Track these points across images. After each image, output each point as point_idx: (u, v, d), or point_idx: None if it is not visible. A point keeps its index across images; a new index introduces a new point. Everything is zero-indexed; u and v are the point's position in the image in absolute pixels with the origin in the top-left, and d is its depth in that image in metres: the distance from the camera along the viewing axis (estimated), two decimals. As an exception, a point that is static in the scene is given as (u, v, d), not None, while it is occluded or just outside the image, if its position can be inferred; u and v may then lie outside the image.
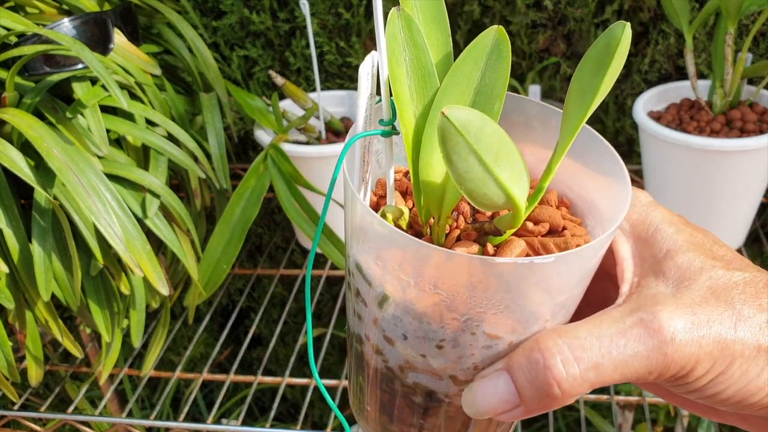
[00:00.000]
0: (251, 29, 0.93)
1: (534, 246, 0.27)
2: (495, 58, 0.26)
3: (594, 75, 0.24)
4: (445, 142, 0.22)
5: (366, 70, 0.26)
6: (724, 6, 0.67)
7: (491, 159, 0.22)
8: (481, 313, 0.25)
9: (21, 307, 0.59)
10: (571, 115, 0.25)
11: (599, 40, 0.24)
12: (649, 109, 0.78)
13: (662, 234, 0.28)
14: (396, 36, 0.26)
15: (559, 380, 0.24)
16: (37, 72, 0.59)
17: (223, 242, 0.70)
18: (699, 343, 0.24)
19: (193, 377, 0.78)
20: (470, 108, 0.23)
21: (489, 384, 0.26)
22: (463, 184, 0.23)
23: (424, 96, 0.27)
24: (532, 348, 0.25)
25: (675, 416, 0.95)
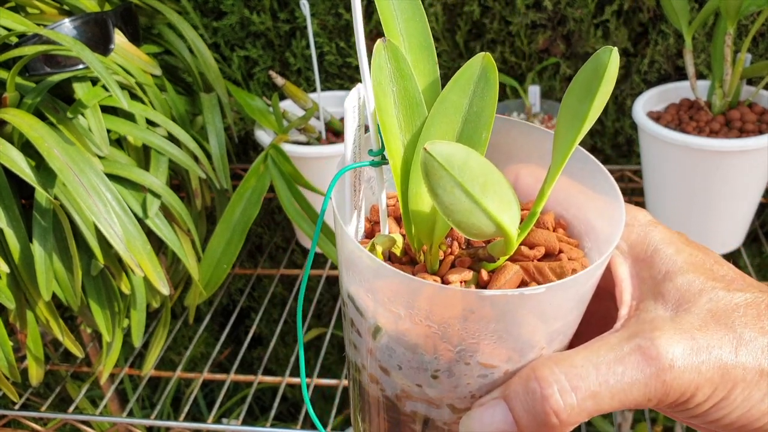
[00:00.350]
0: (251, 30, 0.94)
1: (529, 271, 0.27)
2: (482, 85, 0.26)
3: (582, 101, 0.24)
4: (430, 176, 0.22)
5: (352, 103, 0.26)
6: (724, 6, 0.67)
7: (478, 190, 0.22)
8: (475, 344, 0.25)
9: (22, 306, 0.59)
10: (561, 139, 0.25)
11: (587, 64, 0.24)
12: (648, 110, 0.78)
13: (661, 255, 0.27)
14: (382, 67, 0.26)
15: (556, 410, 0.24)
16: (37, 72, 0.59)
17: (223, 242, 0.70)
18: (699, 369, 0.24)
19: (194, 377, 0.78)
20: (453, 142, 0.24)
21: (486, 413, 0.26)
22: (450, 216, 0.23)
23: (412, 126, 0.27)
24: (529, 377, 0.25)
25: (674, 416, 0.95)
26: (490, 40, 0.88)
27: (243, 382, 1.21)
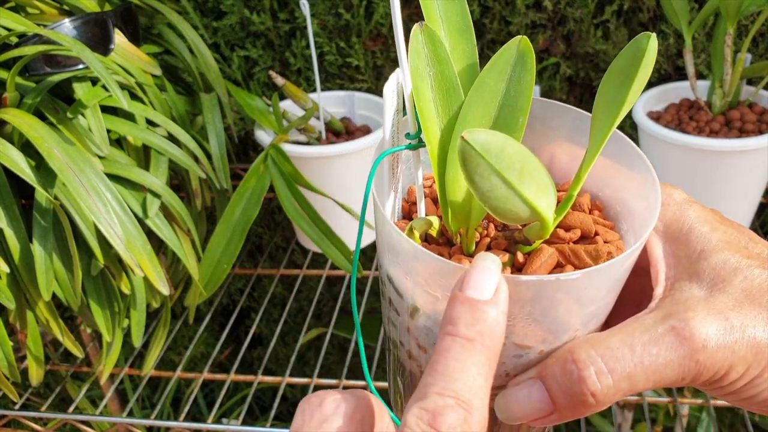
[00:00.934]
0: (251, 30, 0.94)
1: (565, 253, 0.27)
2: (520, 69, 0.27)
3: (620, 87, 0.24)
4: (467, 164, 0.23)
5: (391, 88, 0.26)
6: (724, 6, 0.67)
7: (515, 177, 0.23)
8: (510, 326, 0.25)
9: (22, 306, 0.59)
10: (598, 124, 0.25)
11: (625, 50, 0.24)
12: (648, 110, 0.78)
13: (696, 233, 0.27)
14: (419, 52, 0.26)
15: (593, 391, 0.24)
16: (37, 72, 0.59)
17: (223, 242, 0.70)
18: (732, 349, 0.24)
19: (194, 377, 0.78)
20: (490, 130, 0.24)
21: (522, 391, 0.26)
22: (487, 202, 0.24)
23: (449, 110, 0.27)
24: (566, 359, 0.25)
25: (674, 416, 0.95)
26: (490, 40, 0.88)
27: (243, 382, 1.21)
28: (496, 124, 0.27)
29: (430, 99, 0.27)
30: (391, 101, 0.26)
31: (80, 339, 0.84)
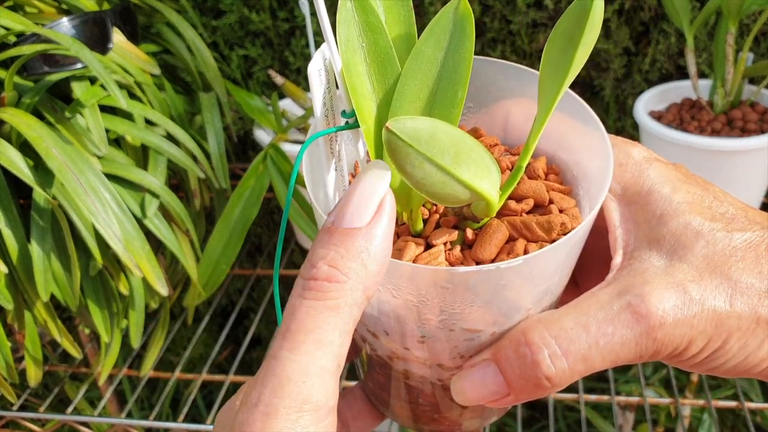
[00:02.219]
0: (251, 29, 0.93)
1: (516, 226, 0.26)
2: (459, 36, 0.24)
3: (565, 51, 0.23)
4: (395, 154, 0.21)
5: (317, 66, 0.24)
6: (725, 5, 0.67)
7: (450, 162, 0.21)
8: (457, 313, 0.24)
9: (20, 307, 0.59)
10: (545, 92, 0.24)
11: (570, 10, 0.22)
12: (650, 109, 0.78)
13: (656, 195, 0.26)
14: (349, 22, 0.24)
15: (548, 375, 0.23)
16: (36, 71, 0.59)
17: (222, 242, 0.69)
18: (690, 323, 0.23)
19: (193, 378, 0.77)
20: (416, 116, 0.22)
21: (477, 374, 0.25)
22: (423, 189, 0.22)
23: (386, 84, 0.25)
24: (520, 341, 0.24)
25: (676, 417, 0.95)
26: (491, 39, 0.88)
27: (242, 383, 1.20)
28: (435, 98, 0.25)
29: (364, 73, 0.25)
30: (318, 80, 0.24)
31: (78, 340, 0.84)
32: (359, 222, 0.22)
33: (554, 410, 1.06)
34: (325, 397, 0.21)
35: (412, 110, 0.25)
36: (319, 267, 0.21)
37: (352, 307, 0.22)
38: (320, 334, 0.21)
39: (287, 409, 0.20)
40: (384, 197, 0.22)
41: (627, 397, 0.68)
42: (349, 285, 0.21)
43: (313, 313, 0.21)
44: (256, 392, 0.21)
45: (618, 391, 0.94)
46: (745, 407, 0.63)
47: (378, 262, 0.22)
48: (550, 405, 0.66)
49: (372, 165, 0.23)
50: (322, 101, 0.25)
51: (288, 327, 0.21)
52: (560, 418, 1.07)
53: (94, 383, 0.84)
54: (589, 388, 1.06)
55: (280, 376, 0.21)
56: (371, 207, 0.22)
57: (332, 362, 0.21)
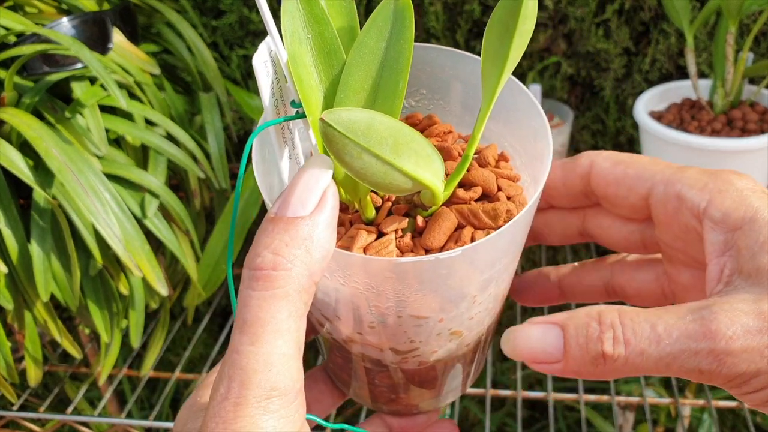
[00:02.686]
0: (251, 28, 0.93)
1: (464, 214, 0.27)
2: (399, 26, 0.25)
3: (501, 40, 0.23)
4: (332, 145, 0.21)
5: (262, 58, 0.24)
6: (725, 5, 0.67)
7: (389, 152, 0.22)
8: (403, 300, 0.25)
9: (20, 307, 0.59)
10: (487, 81, 0.24)
11: (503, 2, 0.23)
12: (650, 109, 0.78)
13: (759, 223, 0.25)
14: (294, 13, 0.24)
15: (606, 354, 0.24)
16: (36, 71, 0.59)
17: (222, 242, 0.69)
18: (762, 353, 0.22)
19: (193, 378, 0.77)
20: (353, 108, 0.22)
21: (537, 330, 0.25)
22: (364, 179, 0.23)
23: (331, 74, 0.25)
24: (592, 316, 0.25)
25: (676, 417, 0.95)
26: (491, 40, 0.88)
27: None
28: (379, 88, 0.25)
29: (311, 64, 0.25)
30: (264, 71, 0.25)
31: (78, 340, 0.84)
32: (303, 211, 0.22)
33: (554, 410, 1.06)
34: (292, 381, 0.22)
35: (356, 100, 0.25)
36: (264, 255, 0.22)
37: (300, 293, 0.22)
38: (276, 324, 0.22)
39: (257, 398, 0.21)
40: (327, 188, 0.23)
41: (627, 397, 0.68)
42: (294, 272, 0.22)
43: (265, 304, 0.22)
44: (224, 386, 0.21)
45: (618, 391, 0.94)
46: (745, 407, 0.63)
47: (322, 249, 0.22)
48: (550, 405, 0.66)
49: (315, 158, 0.24)
50: (271, 91, 0.25)
51: (244, 320, 0.22)
52: (560, 418, 1.07)
53: (94, 383, 0.84)
54: (589, 388, 1.06)
55: (246, 369, 0.21)
56: (314, 197, 0.23)
57: (293, 348, 0.22)
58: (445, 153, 0.30)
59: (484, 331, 0.30)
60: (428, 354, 0.29)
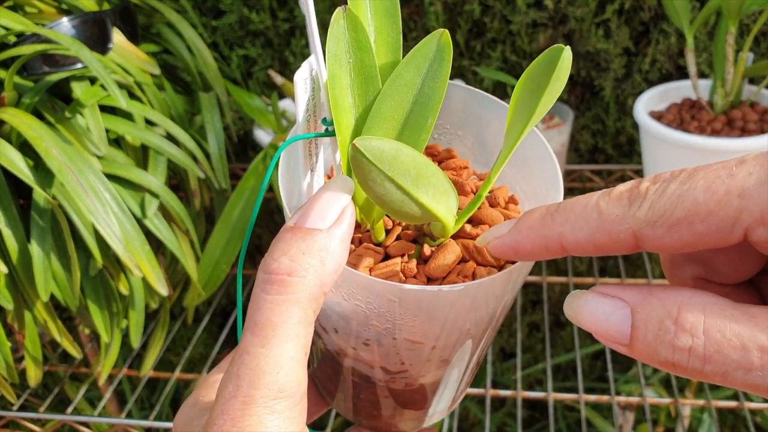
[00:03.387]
0: (251, 28, 0.93)
1: (469, 249, 0.28)
2: (437, 66, 0.26)
3: (532, 96, 0.24)
4: (359, 170, 0.23)
5: (303, 75, 0.26)
6: (725, 5, 0.67)
7: (409, 183, 0.23)
8: (401, 324, 0.26)
9: (20, 307, 0.59)
10: (511, 131, 0.26)
11: (539, 59, 0.24)
12: (650, 109, 0.78)
13: None
14: (339, 38, 0.25)
15: (676, 362, 0.20)
16: (36, 71, 0.59)
17: (222, 242, 0.69)
18: None
19: (193, 378, 0.77)
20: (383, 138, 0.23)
21: (603, 307, 0.22)
22: (383, 205, 0.24)
23: (366, 99, 0.27)
24: (670, 313, 0.21)
25: (676, 417, 0.95)
26: (491, 39, 0.88)
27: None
28: (408, 120, 0.26)
29: (348, 87, 0.26)
30: (303, 88, 0.26)
31: (78, 340, 0.84)
32: (321, 224, 0.24)
33: (554, 410, 1.06)
34: (298, 384, 0.23)
35: (385, 128, 0.26)
36: (281, 261, 0.23)
37: (311, 301, 0.23)
38: (287, 328, 0.22)
39: (265, 398, 0.22)
40: (346, 206, 0.24)
41: (627, 397, 0.68)
42: (308, 280, 0.23)
43: (278, 308, 0.22)
44: (232, 385, 0.22)
45: (618, 391, 0.94)
46: (745, 407, 0.63)
47: (335, 262, 0.23)
48: (550, 405, 0.66)
49: (338, 178, 0.25)
50: (306, 107, 0.26)
51: (255, 322, 0.23)
52: (560, 418, 1.07)
53: (94, 383, 0.84)
54: (589, 388, 1.06)
55: (256, 370, 0.22)
56: (334, 212, 0.24)
57: (300, 352, 0.23)
58: (458, 187, 0.31)
59: (474, 359, 0.31)
60: (416, 377, 0.30)
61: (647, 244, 0.21)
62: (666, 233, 0.21)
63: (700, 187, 0.20)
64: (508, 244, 0.24)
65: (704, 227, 0.20)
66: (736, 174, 0.19)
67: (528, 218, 0.24)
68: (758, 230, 0.19)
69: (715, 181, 0.20)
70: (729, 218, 0.19)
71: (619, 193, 0.21)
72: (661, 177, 0.21)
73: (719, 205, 0.19)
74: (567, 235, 0.22)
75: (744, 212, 0.19)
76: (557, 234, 0.23)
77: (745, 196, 0.19)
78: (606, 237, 0.22)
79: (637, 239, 0.21)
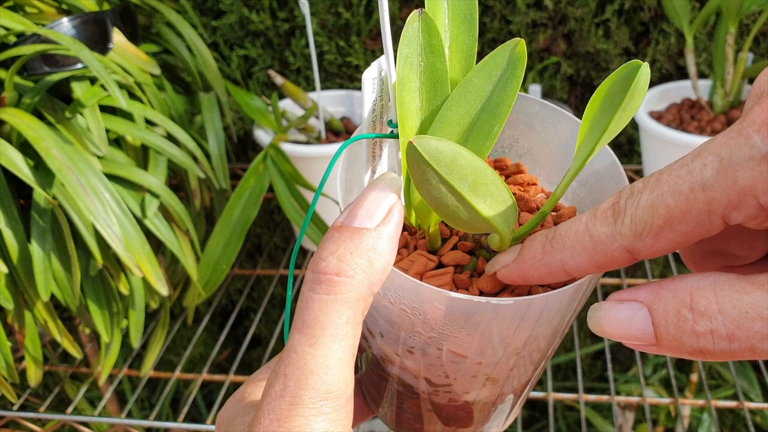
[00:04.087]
0: (251, 29, 0.93)
1: None
2: (509, 75, 0.26)
3: (605, 112, 0.23)
4: (414, 169, 0.22)
5: (371, 75, 0.25)
6: (725, 6, 0.67)
7: (466, 189, 0.22)
8: (446, 335, 0.25)
9: (20, 307, 0.59)
10: (582, 148, 0.25)
11: (615, 74, 0.23)
12: (649, 109, 0.78)
13: None
14: (412, 40, 0.25)
15: (705, 350, 0.20)
16: (36, 72, 0.59)
17: (222, 242, 0.69)
18: None
19: (193, 378, 0.77)
20: (442, 138, 0.23)
21: (623, 313, 0.22)
22: (437, 209, 0.23)
23: (433, 104, 0.26)
24: (683, 302, 0.21)
25: (675, 417, 0.95)
26: (491, 39, 0.88)
27: (242, 383, 1.20)
28: (474, 128, 0.26)
29: (416, 90, 0.26)
30: (370, 87, 0.26)
31: (79, 340, 0.84)
32: (369, 223, 0.23)
33: (554, 410, 1.06)
34: (345, 385, 0.22)
35: (449, 133, 0.26)
36: (329, 260, 0.23)
37: (359, 301, 0.23)
38: (335, 328, 0.22)
39: (312, 398, 0.22)
40: (393, 204, 0.24)
41: (627, 397, 0.68)
42: (356, 280, 0.22)
43: (326, 308, 0.22)
44: (279, 384, 0.22)
45: (618, 391, 0.94)
46: (745, 407, 0.63)
47: (384, 262, 0.23)
48: (549, 405, 0.66)
49: (385, 175, 0.24)
50: (372, 107, 0.26)
51: (304, 322, 0.22)
52: (560, 418, 1.07)
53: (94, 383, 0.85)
54: (589, 387, 1.06)
55: (303, 370, 0.22)
56: (381, 211, 0.24)
57: (348, 353, 0.23)
58: (523, 203, 0.30)
59: (522, 385, 0.30)
60: (460, 393, 0.29)
61: (642, 254, 0.22)
62: (654, 241, 0.21)
63: (667, 192, 0.20)
64: (514, 272, 0.24)
65: (685, 226, 0.20)
66: (693, 169, 0.20)
67: (530, 247, 0.24)
68: (733, 214, 0.20)
69: (677, 182, 0.20)
70: (703, 212, 0.20)
71: (603, 212, 0.22)
72: (635, 188, 0.21)
73: (689, 203, 0.20)
74: (568, 261, 0.23)
75: (713, 203, 0.19)
76: (558, 261, 0.23)
77: (707, 188, 0.19)
78: (603, 257, 0.22)
79: (631, 253, 0.22)
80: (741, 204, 0.19)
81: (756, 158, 0.18)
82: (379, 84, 0.26)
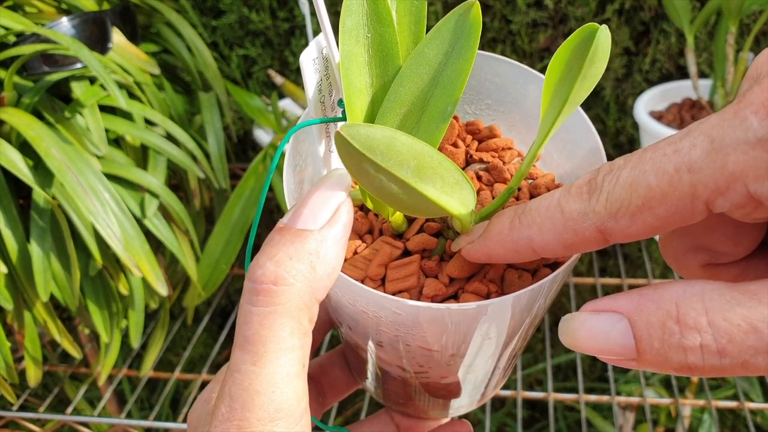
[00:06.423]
0: (250, 28, 0.93)
1: None
2: (463, 42, 0.23)
3: (563, 82, 0.21)
4: (348, 160, 0.20)
5: (311, 56, 0.23)
6: (726, 5, 0.67)
7: (409, 175, 0.20)
8: (411, 334, 0.24)
9: (19, 307, 0.59)
10: (545, 120, 0.23)
11: (569, 40, 0.21)
12: (650, 109, 0.78)
13: None
14: (356, 9, 0.23)
15: (694, 366, 0.19)
16: (35, 71, 0.59)
17: (222, 242, 0.69)
18: None
19: (193, 378, 0.77)
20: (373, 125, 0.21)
21: (600, 324, 0.20)
22: (384, 199, 0.22)
23: (384, 79, 0.24)
24: (669, 314, 0.19)
25: (676, 417, 0.95)
26: (491, 39, 0.88)
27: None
28: (427, 106, 0.23)
29: (364, 65, 0.23)
30: (311, 68, 0.23)
31: (78, 340, 0.84)
32: (312, 225, 0.21)
33: (554, 410, 1.06)
34: (297, 401, 0.21)
35: (400, 113, 0.23)
36: (266, 267, 0.21)
37: (302, 310, 0.21)
38: (279, 342, 0.20)
39: (261, 420, 0.20)
40: (341, 203, 0.22)
41: (627, 398, 0.68)
42: (296, 288, 0.21)
43: (267, 321, 0.21)
44: (225, 406, 0.21)
45: (618, 391, 0.94)
46: (745, 407, 0.63)
47: (328, 266, 0.21)
48: (550, 405, 0.65)
49: (333, 172, 0.23)
50: (317, 88, 0.24)
51: (245, 338, 0.21)
52: (560, 418, 1.07)
53: (93, 383, 0.84)
54: (589, 388, 1.06)
55: (249, 390, 0.20)
56: (327, 211, 0.22)
57: (296, 366, 0.21)
58: (496, 173, 0.28)
59: (503, 360, 0.29)
60: (438, 378, 0.28)
61: (614, 236, 0.20)
62: (630, 223, 0.19)
63: (650, 170, 0.18)
64: (479, 250, 0.23)
65: (665, 210, 0.19)
66: (681, 148, 0.18)
67: (497, 222, 0.22)
68: (718, 201, 0.18)
69: (662, 160, 0.18)
70: (685, 196, 0.18)
71: (578, 188, 0.20)
72: (615, 164, 0.20)
73: (672, 184, 0.18)
74: (536, 239, 0.21)
75: (698, 186, 0.18)
76: (526, 238, 0.21)
77: (694, 169, 0.18)
78: (573, 235, 0.20)
79: (603, 233, 0.20)
80: (728, 190, 0.17)
81: (751, 141, 0.17)
82: (323, 63, 0.24)
